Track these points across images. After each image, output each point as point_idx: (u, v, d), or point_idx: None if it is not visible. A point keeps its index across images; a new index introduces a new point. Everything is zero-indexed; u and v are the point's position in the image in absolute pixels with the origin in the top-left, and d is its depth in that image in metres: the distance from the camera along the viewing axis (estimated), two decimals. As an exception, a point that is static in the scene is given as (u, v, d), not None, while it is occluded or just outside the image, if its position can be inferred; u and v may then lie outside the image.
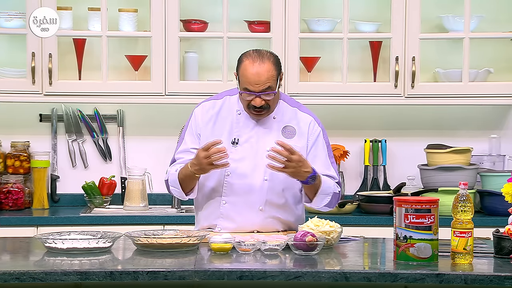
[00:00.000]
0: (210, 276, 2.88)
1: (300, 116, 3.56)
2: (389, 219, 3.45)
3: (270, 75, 3.41)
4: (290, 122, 3.54)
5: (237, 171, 3.48)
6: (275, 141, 3.37)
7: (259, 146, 3.49)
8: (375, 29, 4.93)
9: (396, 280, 2.86)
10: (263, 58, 3.44)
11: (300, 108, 3.60)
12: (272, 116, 3.53)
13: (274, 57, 3.49)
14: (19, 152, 4.91)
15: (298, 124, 3.54)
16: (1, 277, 2.80)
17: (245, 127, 3.52)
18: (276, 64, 3.46)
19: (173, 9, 4.74)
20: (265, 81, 3.40)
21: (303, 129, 3.54)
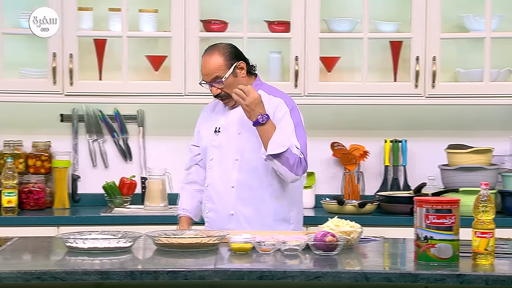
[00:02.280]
0: (230, 276, 2.88)
1: (272, 101, 3.79)
2: (409, 220, 3.44)
3: (216, 66, 3.74)
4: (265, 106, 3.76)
5: (216, 156, 3.81)
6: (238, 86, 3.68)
7: (233, 132, 3.79)
8: (396, 29, 4.91)
9: (416, 281, 2.85)
10: (213, 50, 3.78)
11: (275, 94, 3.83)
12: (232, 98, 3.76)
13: (226, 49, 3.78)
14: (40, 152, 4.94)
15: (268, 107, 3.74)
16: (22, 277, 2.82)
17: (225, 117, 3.85)
18: (225, 55, 3.76)
19: (193, 9, 4.75)
20: (211, 71, 3.74)
21: (271, 111, 3.75)
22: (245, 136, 3.76)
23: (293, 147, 3.68)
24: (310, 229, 4.19)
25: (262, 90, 3.82)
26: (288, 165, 3.65)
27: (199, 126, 3.98)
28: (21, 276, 2.82)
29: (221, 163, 3.80)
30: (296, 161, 3.66)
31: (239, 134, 3.78)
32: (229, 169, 3.77)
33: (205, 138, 3.90)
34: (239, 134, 3.78)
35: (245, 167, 3.75)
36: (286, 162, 3.64)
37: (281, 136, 3.66)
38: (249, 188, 3.76)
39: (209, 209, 3.85)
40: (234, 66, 3.75)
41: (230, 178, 3.77)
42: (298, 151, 3.70)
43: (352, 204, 4.75)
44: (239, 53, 3.82)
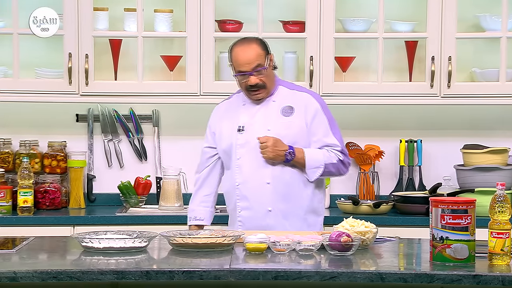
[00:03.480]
0: (245, 276, 2.88)
1: (298, 96, 3.89)
2: (424, 220, 3.43)
3: (257, 54, 3.82)
4: (288, 102, 3.86)
5: (244, 154, 3.83)
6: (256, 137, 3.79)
7: (262, 128, 3.83)
8: (411, 29, 4.90)
9: (432, 281, 2.84)
10: (248, 41, 3.88)
11: (298, 89, 3.95)
12: (272, 100, 3.87)
13: (259, 40, 3.91)
14: (56, 152, 4.95)
15: (296, 103, 3.85)
16: (39, 276, 2.83)
17: (249, 115, 3.88)
18: (261, 44, 3.86)
19: (208, 9, 4.75)
20: (254, 59, 3.80)
21: (301, 107, 3.85)
22: (276, 131, 3.81)
23: (330, 154, 3.82)
24: (325, 229, 4.19)
25: (282, 86, 3.91)
26: (331, 174, 3.87)
27: (214, 126, 3.98)
28: (37, 275, 2.83)
29: (253, 161, 3.82)
30: (337, 166, 3.84)
31: (268, 130, 3.82)
32: (262, 166, 3.81)
33: (226, 138, 3.90)
34: (269, 131, 3.82)
35: (279, 163, 3.80)
36: (329, 173, 3.86)
37: (313, 159, 3.79)
38: (285, 183, 3.82)
39: (242, 208, 3.85)
40: (269, 58, 3.85)
41: (264, 175, 3.81)
42: (336, 153, 3.83)
43: (367, 204, 4.74)
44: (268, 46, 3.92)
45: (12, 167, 4.91)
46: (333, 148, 3.87)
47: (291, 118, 3.85)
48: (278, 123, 3.83)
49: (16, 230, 4.40)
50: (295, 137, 3.83)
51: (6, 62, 4.84)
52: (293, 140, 3.82)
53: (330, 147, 3.87)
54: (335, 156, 3.85)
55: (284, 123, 3.83)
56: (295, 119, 3.85)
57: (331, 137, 3.86)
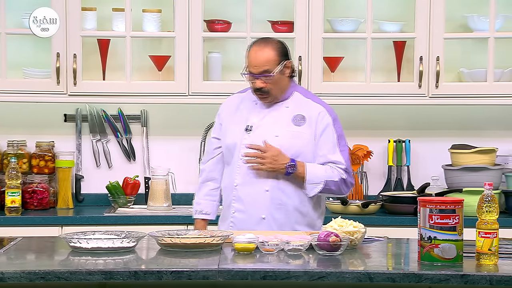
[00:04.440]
0: (233, 276, 2.88)
1: (312, 106, 3.77)
2: (413, 220, 3.44)
3: (267, 59, 3.68)
4: (301, 111, 3.74)
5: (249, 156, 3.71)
6: (246, 145, 3.66)
7: (269, 133, 3.72)
8: (399, 29, 4.91)
9: (420, 281, 2.85)
10: (266, 43, 3.73)
11: (313, 99, 3.81)
12: (285, 106, 3.75)
13: (279, 44, 3.75)
14: (44, 152, 4.94)
15: (309, 113, 3.74)
16: (26, 276, 2.82)
17: (258, 115, 3.76)
18: (277, 50, 3.71)
19: (197, 9, 4.75)
20: (262, 64, 3.68)
21: (313, 118, 3.73)
22: (283, 140, 3.70)
23: (333, 171, 3.69)
24: (314, 229, 4.19)
25: (298, 92, 3.80)
26: (331, 192, 3.74)
27: (224, 119, 3.86)
28: (25, 276, 2.82)
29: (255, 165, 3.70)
30: (338, 185, 3.70)
31: (276, 136, 3.70)
32: (264, 172, 3.68)
33: (232, 135, 3.78)
34: (277, 137, 3.70)
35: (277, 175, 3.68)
36: (329, 191, 3.73)
37: (314, 174, 3.67)
38: (284, 193, 3.70)
39: (236, 210, 3.75)
40: (284, 64, 3.72)
41: (264, 181, 3.69)
42: (339, 171, 3.71)
43: (356, 204, 4.75)
44: (288, 52, 3.78)
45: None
46: (337, 166, 3.71)
47: (302, 128, 3.71)
48: (287, 131, 3.70)
49: (3, 230, 4.38)
50: (302, 148, 3.70)
51: (-7, 62, 4.82)
52: (299, 151, 3.69)
53: (334, 164, 3.71)
54: (338, 174, 3.70)
55: (293, 132, 3.70)
56: (305, 130, 3.71)
57: (337, 154, 3.71)
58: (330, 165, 3.71)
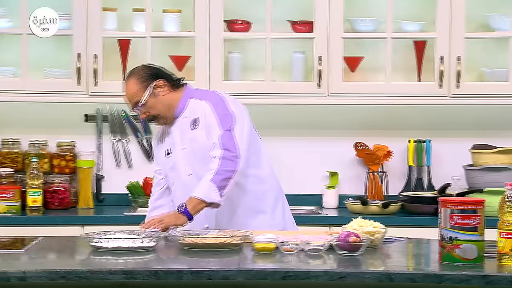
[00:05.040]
0: (254, 276, 2.88)
1: (200, 105, 3.69)
2: (433, 220, 3.42)
3: (132, 92, 3.66)
4: (195, 114, 3.69)
5: (175, 177, 3.72)
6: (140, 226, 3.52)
7: (179, 148, 3.69)
8: (420, 29, 4.89)
9: (441, 281, 2.84)
10: (128, 78, 3.71)
11: (202, 97, 3.71)
12: (184, 116, 3.70)
13: (141, 71, 3.70)
14: (64, 152, 4.97)
15: (199, 113, 3.68)
16: (47, 276, 2.84)
17: (170, 137, 3.74)
18: (139, 78, 3.67)
19: (217, 9, 4.75)
20: (130, 98, 3.67)
21: (202, 116, 3.67)
22: (189, 149, 3.66)
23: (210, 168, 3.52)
24: (334, 229, 4.18)
25: (193, 98, 3.70)
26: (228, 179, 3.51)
27: (155, 152, 3.86)
28: (46, 275, 2.84)
29: (180, 182, 3.69)
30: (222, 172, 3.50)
31: (183, 149, 3.68)
32: (189, 186, 3.62)
33: (161, 164, 3.79)
34: (184, 149, 3.68)
35: (200, 179, 3.59)
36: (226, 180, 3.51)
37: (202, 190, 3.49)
38: None
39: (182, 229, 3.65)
40: (153, 87, 3.64)
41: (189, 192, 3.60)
42: (218, 152, 3.53)
43: (376, 204, 4.74)
44: (157, 72, 3.70)
45: (21, 167, 4.93)
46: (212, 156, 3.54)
47: (197, 131, 3.65)
48: (188, 139, 3.66)
49: (25, 230, 4.40)
50: (202, 150, 3.61)
51: (15, 63, 4.85)
52: (201, 154, 3.62)
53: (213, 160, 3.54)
54: (213, 164, 3.51)
55: (192, 138, 3.65)
56: (200, 132, 3.64)
57: (214, 137, 3.57)
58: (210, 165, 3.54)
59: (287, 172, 5.06)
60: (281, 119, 5.07)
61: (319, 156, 5.06)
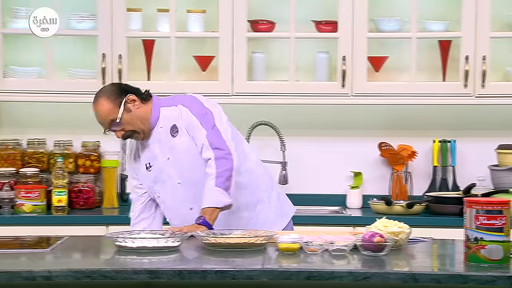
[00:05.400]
0: (278, 276, 2.88)
1: (175, 111, 3.63)
2: (458, 220, 3.41)
3: (106, 111, 3.58)
4: (172, 121, 3.62)
5: (160, 189, 3.67)
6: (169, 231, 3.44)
7: (161, 159, 3.63)
8: (445, 28, 4.87)
9: (466, 282, 2.82)
10: (97, 98, 3.62)
11: (174, 103, 3.65)
12: (159, 127, 3.63)
13: (109, 89, 3.64)
14: (89, 152, 4.99)
15: (176, 119, 3.62)
16: (73, 275, 2.85)
17: (148, 150, 3.67)
18: (109, 96, 3.60)
19: (241, 9, 4.76)
20: (104, 117, 3.59)
21: (179, 121, 3.61)
22: (174, 158, 3.62)
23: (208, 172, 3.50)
24: (358, 229, 4.17)
25: (164, 107, 3.64)
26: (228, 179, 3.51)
27: (132, 172, 3.78)
28: (72, 274, 2.85)
29: (169, 193, 3.65)
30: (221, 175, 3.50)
31: (167, 160, 3.62)
32: (179, 194, 3.63)
33: (142, 179, 3.73)
34: (168, 159, 3.62)
35: (191, 185, 3.60)
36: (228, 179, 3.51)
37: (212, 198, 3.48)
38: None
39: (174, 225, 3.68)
40: (124, 102, 3.59)
41: (184, 201, 3.63)
42: (209, 153, 3.52)
43: (400, 204, 4.72)
44: (125, 88, 3.67)
45: (46, 167, 4.96)
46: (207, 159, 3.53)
47: (177, 138, 3.61)
48: (169, 149, 3.60)
49: (50, 229, 4.43)
50: (188, 155, 3.59)
51: (40, 63, 4.89)
52: (192, 160, 3.58)
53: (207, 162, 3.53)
54: (210, 168, 3.51)
55: (173, 146, 3.60)
56: (180, 138, 3.60)
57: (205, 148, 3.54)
58: (206, 170, 3.53)
59: (311, 172, 5.06)
60: (305, 119, 5.07)
61: (343, 156, 5.05)
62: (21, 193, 4.70)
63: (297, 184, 5.05)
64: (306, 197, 5.04)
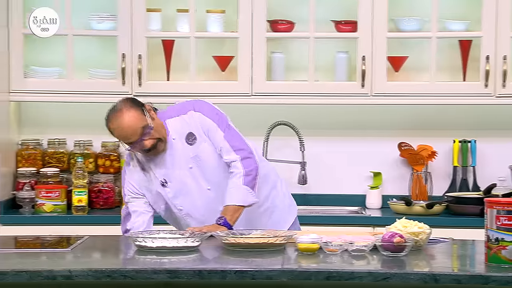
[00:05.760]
0: (297, 276, 2.88)
1: (186, 119, 3.59)
2: (478, 221, 3.39)
3: (136, 119, 3.48)
4: (186, 130, 3.58)
5: (184, 202, 3.60)
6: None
7: (183, 172, 3.57)
8: (465, 28, 4.85)
9: (487, 283, 2.81)
10: (121, 110, 3.50)
11: (182, 111, 3.62)
12: (171, 139, 3.58)
13: (129, 101, 3.54)
14: (109, 152, 5.01)
15: (190, 127, 3.58)
16: (93, 275, 2.86)
17: (160, 166, 3.58)
18: (133, 105, 3.51)
19: (260, 9, 4.76)
20: (136, 126, 3.47)
21: (194, 127, 3.58)
22: (198, 166, 3.58)
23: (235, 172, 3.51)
24: (377, 229, 4.16)
25: (169, 119, 3.59)
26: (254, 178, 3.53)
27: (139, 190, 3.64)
28: (92, 274, 2.86)
29: (197, 202, 3.60)
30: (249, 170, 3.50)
31: (190, 168, 3.58)
32: (210, 200, 3.59)
33: (155, 196, 3.63)
34: (191, 169, 3.58)
35: (219, 187, 3.57)
36: (253, 181, 3.52)
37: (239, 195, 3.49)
38: None
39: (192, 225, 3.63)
40: (147, 110, 3.53)
41: (217, 205, 3.55)
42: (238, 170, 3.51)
43: (420, 205, 4.71)
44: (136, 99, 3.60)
45: (66, 167, 4.98)
46: (234, 164, 3.52)
47: (198, 144, 3.57)
48: (192, 157, 3.56)
49: (70, 229, 4.45)
50: (211, 159, 3.57)
51: (61, 63, 4.91)
52: (216, 162, 3.57)
53: (230, 164, 3.53)
54: (236, 168, 3.51)
55: (197, 154, 3.56)
56: (200, 144, 3.57)
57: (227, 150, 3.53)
58: (231, 170, 3.54)
59: (330, 172, 5.05)
60: (324, 119, 5.06)
61: (362, 156, 5.04)
62: (42, 193, 4.73)
63: (316, 184, 5.04)
64: (325, 197, 5.03)
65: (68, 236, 3.67)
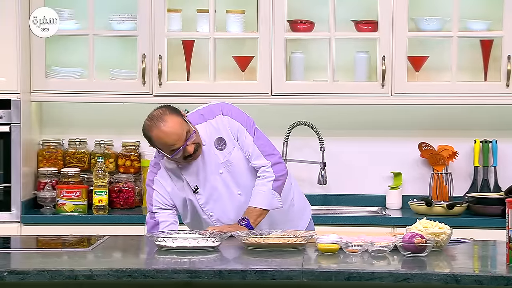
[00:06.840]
0: (317, 277, 2.88)
1: (214, 124, 3.57)
2: (500, 221, 3.38)
3: (180, 125, 3.44)
4: (215, 135, 3.56)
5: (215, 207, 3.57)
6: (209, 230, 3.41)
7: (214, 177, 3.55)
8: (486, 28, 4.82)
9: (509, 284, 2.79)
10: (162, 117, 3.45)
11: (209, 116, 3.59)
12: (202, 145, 3.54)
13: (166, 109, 3.49)
14: (129, 152, 5.02)
15: (219, 132, 3.56)
16: (114, 274, 2.87)
17: (192, 173, 3.56)
18: (174, 112, 3.48)
19: (280, 9, 4.75)
20: (180, 132, 3.43)
21: (224, 132, 3.56)
22: (229, 171, 3.57)
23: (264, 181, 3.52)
24: (398, 230, 4.15)
25: (198, 124, 3.55)
26: (283, 184, 3.56)
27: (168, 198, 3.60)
28: (112, 273, 2.88)
29: (228, 208, 3.58)
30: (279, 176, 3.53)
31: (221, 173, 3.56)
32: (241, 204, 3.56)
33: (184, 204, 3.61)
34: (221, 174, 3.56)
35: (250, 192, 3.55)
36: (280, 187, 3.56)
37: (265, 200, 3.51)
38: None
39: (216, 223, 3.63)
40: (186, 116, 3.53)
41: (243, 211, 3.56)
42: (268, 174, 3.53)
43: (441, 205, 4.69)
44: None
45: (87, 167, 5.00)
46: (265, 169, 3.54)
47: (228, 149, 3.56)
48: (219, 164, 3.54)
49: (91, 228, 4.47)
50: (242, 164, 3.56)
51: (82, 64, 4.93)
52: (246, 166, 3.56)
53: (260, 169, 3.55)
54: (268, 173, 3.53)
55: (228, 159, 3.55)
56: (229, 149, 3.56)
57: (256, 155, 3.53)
58: (260, 174, 3.55)
59: (350, 172, 5.04)
60: (344, 119, 5.05)
61: (382, 156, 5.03)
62: (63, 192, 4.75)
63: (336, 184, 5.03)
64: (345, 198, 5.02)
65: (89, 236, 3.68)
